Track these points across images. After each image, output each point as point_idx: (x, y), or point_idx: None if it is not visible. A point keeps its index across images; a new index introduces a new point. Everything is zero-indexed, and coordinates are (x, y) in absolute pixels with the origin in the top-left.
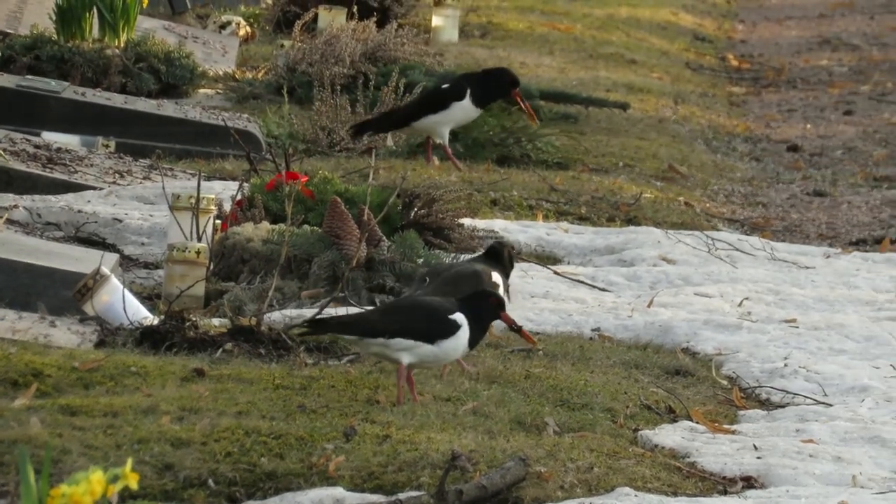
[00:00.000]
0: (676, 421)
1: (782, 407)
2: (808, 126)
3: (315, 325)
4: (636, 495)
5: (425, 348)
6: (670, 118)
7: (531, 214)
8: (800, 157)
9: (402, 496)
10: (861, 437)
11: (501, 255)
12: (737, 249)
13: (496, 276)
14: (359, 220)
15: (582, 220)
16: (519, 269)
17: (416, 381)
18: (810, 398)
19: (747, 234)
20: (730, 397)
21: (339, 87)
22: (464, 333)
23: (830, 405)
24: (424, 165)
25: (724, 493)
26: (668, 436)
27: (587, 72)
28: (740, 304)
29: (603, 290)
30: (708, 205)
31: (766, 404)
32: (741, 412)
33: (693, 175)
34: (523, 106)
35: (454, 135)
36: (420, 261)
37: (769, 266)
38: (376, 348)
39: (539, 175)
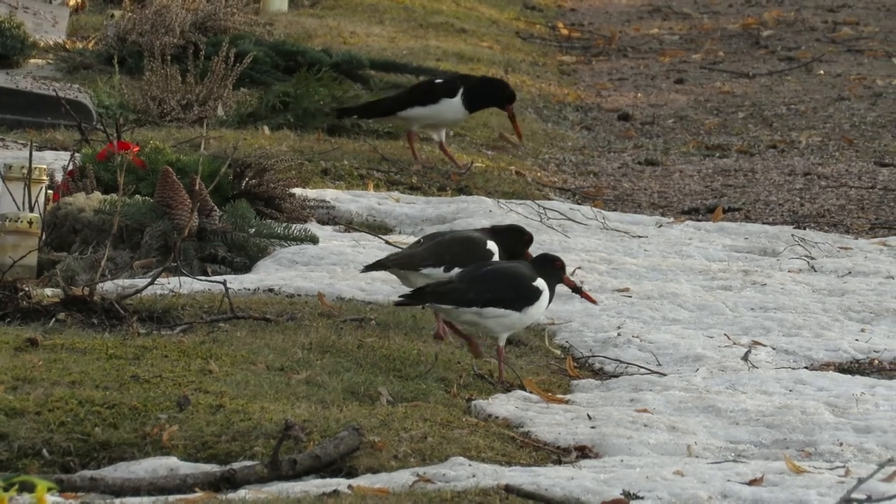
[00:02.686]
0: (510, 391)
1: (616, 377)
2: (640, 95)
3: (414, 295)
4: (470, 465)
5: (514, 316)
6: None
7: (362, 184)
8: (631, 125)
9: (235, 466)
10: (695, 407)
11: (508, 236)
12: (569, 219)
13: (491, 245)
14: (190, 190)
15: (413, 189)
16: (350, 238)
17: (249, 350)
18: (644, 368)
19: (579, 204)
20: (563, 367)
21: (169, 58)
22: (544, 299)
23: (664, 375)
24: (255, 136)
25: (559, 462)
26: (502, 405)
27: (417, 41)
28: (573, 274)
29: None
30: (539, 174)
31: (599, 374)
32: (575, 382)
33: (524, 144)
34: (514, 124)
35: (284, 104)
36: (252, 230)
37: (601, 235)
38: (469, 317)
39: (370, 145)
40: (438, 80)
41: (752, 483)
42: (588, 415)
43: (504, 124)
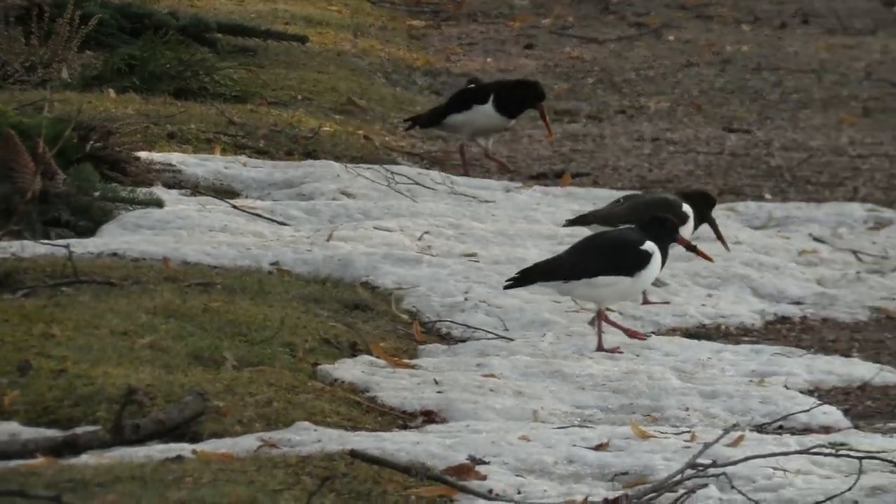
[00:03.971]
0: (356, 355)
1: (463, 341)
2: (489, 60)
3: (522, 276)
4: (315, 430)
5: (626, 282)
6: (350, 51)
7: (209, 148)
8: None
9: (78, 431)
10: (542, 372)
11: (697, 200)
12: (417, 183)
13: (686, 208)
14: (33, 153)
15: (260, 153)
16: (196, 202)
17: (93, 314)
18: (491, 332)
19: (427, 168)
20: (410, 332)
21: (12, 19)
22: (656, 261)
23: (511, 339)
24: (101, 99)
25: (405, 427)
26: (348, 370)
27: (265, 4)
28: (420, 239)
29: (282, 223)
30: (388, 138)
31: (446, 339)
32: (421, 347)
33: (373, 108)
34: (544, 121)
35: (130, 67)
36: (96, 194)
37: (449, 200)
38: (581, 289)
39: (217, 108)
40: (471, 86)
41: (598, 448)
42: (434, 380)
43: (352, 88)
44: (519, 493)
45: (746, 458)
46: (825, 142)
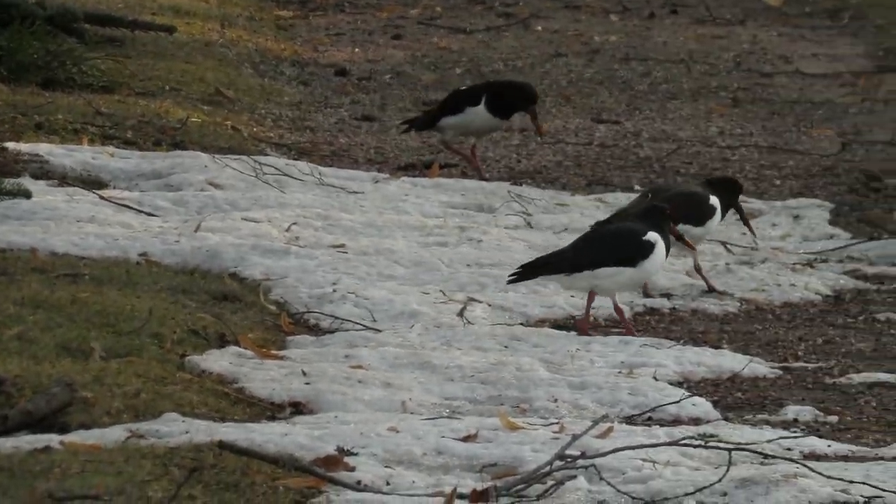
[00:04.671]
0: (225, 346)
1: (331, 332)
2: (357, 50)
3: (524, 270)
4: (184, 421)
5: (628, 272)
6: (217, 42)
7: (77, 138)
8: (348, 81)
9: None
10: (411, 363)
11: (724, 188)
12: (285, 174)
13: (714, 200)
14: None
15: (128, 144)
16: (64, 193)
17: None
18: (359, 324)
19: (295, 159)
20: (278, 323)
21: None
22: (660, 250)
23: (380, 331)
24: None
25: (273, 418)
26: (216, 361)
27: None
28: (288, 230)
29: (150, 214)
30: (255, 129)
31: (314, 330)
32: (290, 338)
33: (240, 99)
34: (535, 123)
35: None
36: None
37: (317, 191)
38: (583, 281)
39: (85, 99)
40: (463, 88)
41: (466, 439)
42: (303, 371)
43: (220, 79)
44: (387, 484)
45: (615, 450)
46: (694, 132)
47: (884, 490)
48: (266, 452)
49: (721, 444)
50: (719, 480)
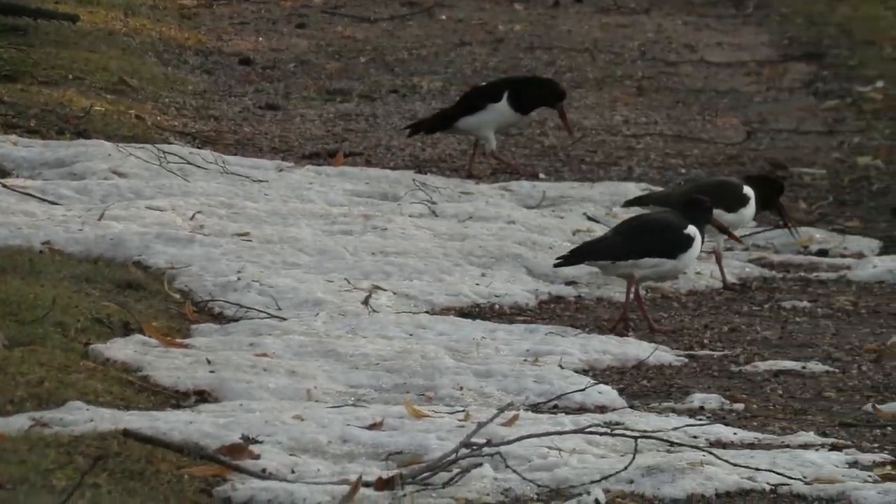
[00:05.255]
0: (129, 335)
1: (236, 321)
2: (261, 39)
3: (571, 256)
4: (88, 409)
5: (669, 264)
6: (121, 31)
7: None
8: (252, 70)
9: None
10: (316, 351)
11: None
12: (189, 163)
13: (747, 189)
14: None
15: (31, 133)
16: None
17: None
18: (264, 312)
19: (199, 148)
20: (182, 311)
21: None
22: (697, 244)
23: (284, 319)
24: None
25: (178, 406)
26: (121, 349)
27: None
28: (192, 218)
29: (53, 203)
30: (159, 118)
31: (219, 318)
32: (194, 326)
33: (144, 88)
34: (564, 121)
35: None
36: None
37: (222, 180)
38: (626, 269)
39: None
40: (482, 85)
41: (371, 427)
42: (207, 359)
43: (124, 68)
44: (292, 472)
45: (521, 438)
46: (599, 121)
47: (790, 478)
48: (171, 441)
49: (627, 432)
50: (625, 468)
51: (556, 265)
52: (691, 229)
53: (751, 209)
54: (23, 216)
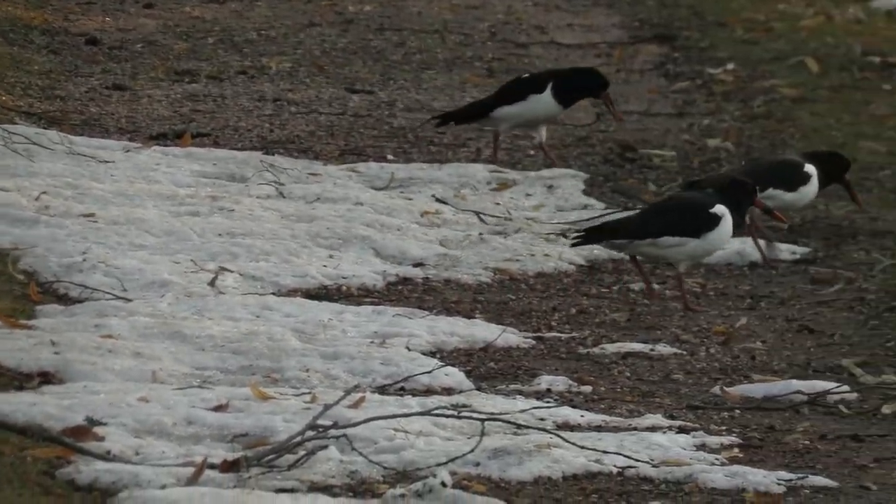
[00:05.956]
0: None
1: (81, 302)
2: (108, 19)
3: (589, 234)
4: None
5: (692, 243)
6: None
7: None
8: (99, 50)
9: None
10: (161, 333)
11: (826, 161)
12: (34, 143)
13: (809, 168)
14: None
15: None
16: None
17: None
18: (109, 293)
19: (45, 128)
20: (27, 292)
21: None
22: (726, 224)
23: (130, 300)
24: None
25: (21, 388)
26: None
27: None
28: (38, 199)
29: None
30: (4, 98)
31: (64, 299)
32: (38, 307)
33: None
34: (611, 109)
35: None
36: None
37: (67, 160)
38: (646, 248)
39: None
40: (525, 76)
41: (217, 409)
42: (51, 340)
43: None
44: (137, 454)
45: (367, 420)
46: (449, 102)
47: (637, 460)
48: (14, 422)
49: (474, 415)
50: (472, 451)
51: (572, 245)
52: (719, 209)
53: (812, 187)
54: None
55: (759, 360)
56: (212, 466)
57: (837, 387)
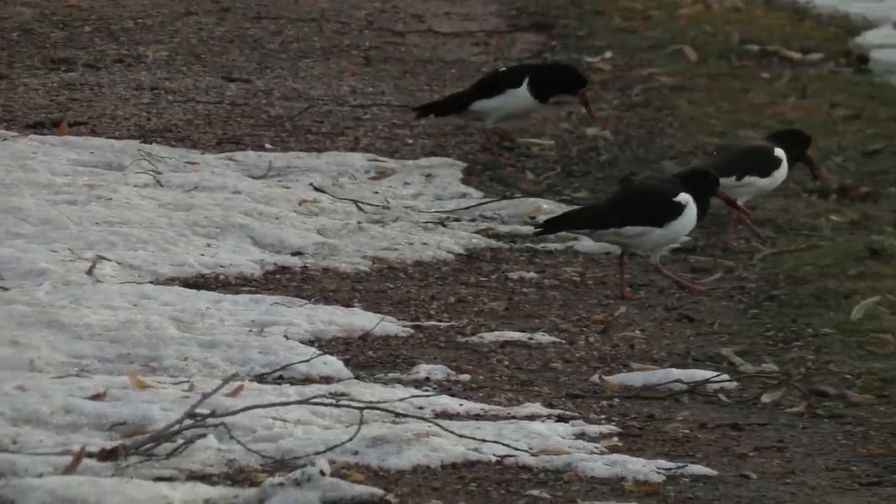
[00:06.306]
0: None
1: None
2: None
3: (549, 224)
4: None
5: (656, 232)
6: None
7: None
8: None
9: None
10: (38, 322)
11: (790, 141)
12: None
13: (778, 152)
14: None
15: None
16: None
17: None
18: None
19: None
20: None
21: None
22: (689, 213)
23: (7, 289)
24: None
25: None
26: None
27: None
28: None
29: None
30: None
31: None
32: None
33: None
34: (588, 108)
35: None
36: None
37: None
38: (609, 237)
39: None
40: (503, 69)
41: (95, 398)
42: None
43: None
44: (14, 443)
45: (246, 409)
46: (326, 91)
47: (516, 449)
48: None
49: (352, 403)
50: (350, 439)
51: (536, 234)
52: (683, 197)
53: (783, 170)
54: None
55: (639, 348)
56: (90, 455)
57: (717, 376)
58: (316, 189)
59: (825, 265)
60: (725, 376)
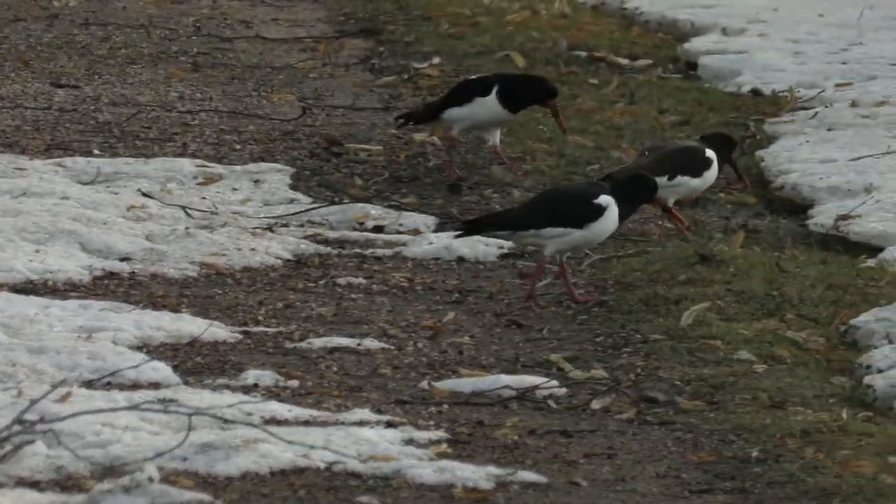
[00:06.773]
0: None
1: None
2: None
3: (469, 226)
4: None
5: (576, 234)
6: None
7: None
8: None
9: None
10: None
11: (717, 142)
12: None
13: (710, 153)
14: None
15: None
16: None
17: None
18: None
19: None
20: None
21: None
22: (611, 215)
23: None
24: None
25: None
26: None
27: None
28: None
29: None
30: None
31: None
32: None
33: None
34: (557, 119)
35: None
36: None
37: None
38: (529, 239)
39: None
40: (472, 78)
41: None
42: None
43: None
44: None
45: (74, 415)
46: (154, 97)
47: (344, 455)
48: None
49: (181, 409)
50: (179, 445)
51: (456, 237)
52: (603, 199)
53: (714, 171)
54: None
55: (467, 354)
56: None
57: (546, 382)
58: (144, 195)
59: (654, 271)
60: (555, 382)
